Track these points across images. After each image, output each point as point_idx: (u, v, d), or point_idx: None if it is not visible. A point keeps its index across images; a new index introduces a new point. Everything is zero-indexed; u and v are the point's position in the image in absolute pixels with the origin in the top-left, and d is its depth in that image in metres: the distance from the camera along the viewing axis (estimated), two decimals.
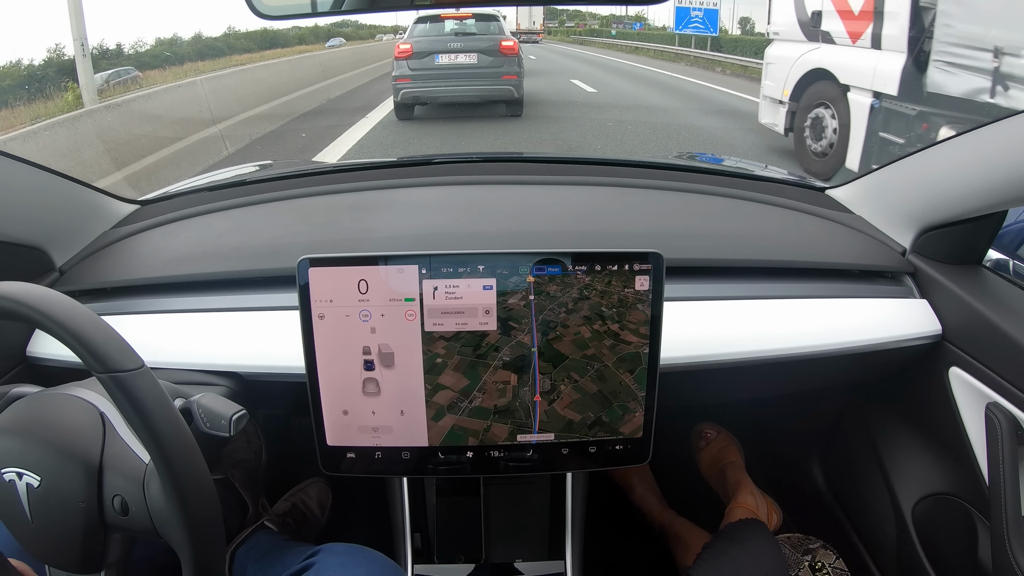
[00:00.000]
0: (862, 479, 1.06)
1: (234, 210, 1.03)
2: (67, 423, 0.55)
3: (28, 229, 0.82)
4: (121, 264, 0.90)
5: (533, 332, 0.66)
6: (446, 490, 0.86)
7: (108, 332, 0.49)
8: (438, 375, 0.67)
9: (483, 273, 0.64)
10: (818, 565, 1.01)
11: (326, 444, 0.69)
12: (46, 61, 9.24)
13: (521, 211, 1.01)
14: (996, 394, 0.76)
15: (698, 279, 0.86)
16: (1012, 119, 0.69)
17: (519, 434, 0.69)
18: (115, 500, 0.53)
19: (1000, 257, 1.05)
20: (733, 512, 1.09)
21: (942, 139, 0.81)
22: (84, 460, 0.53)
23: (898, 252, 0.91)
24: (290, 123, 7.20)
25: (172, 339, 0.78)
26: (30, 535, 0.54)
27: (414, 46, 6.62)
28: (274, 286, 0.82)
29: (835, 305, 0.84)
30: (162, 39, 12.72)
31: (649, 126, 6.74)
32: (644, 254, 0.65)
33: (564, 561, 0.84)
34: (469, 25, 6.88)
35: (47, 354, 0.79)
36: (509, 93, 6.74)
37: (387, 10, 0.76)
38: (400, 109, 6.92)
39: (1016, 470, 0.74)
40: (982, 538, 0.82)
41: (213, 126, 6.10)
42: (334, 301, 0.64)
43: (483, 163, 1.18)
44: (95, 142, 4.59)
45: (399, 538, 0.86)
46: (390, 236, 0.91)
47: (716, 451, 1.26)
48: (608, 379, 0.68)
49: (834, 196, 1.06)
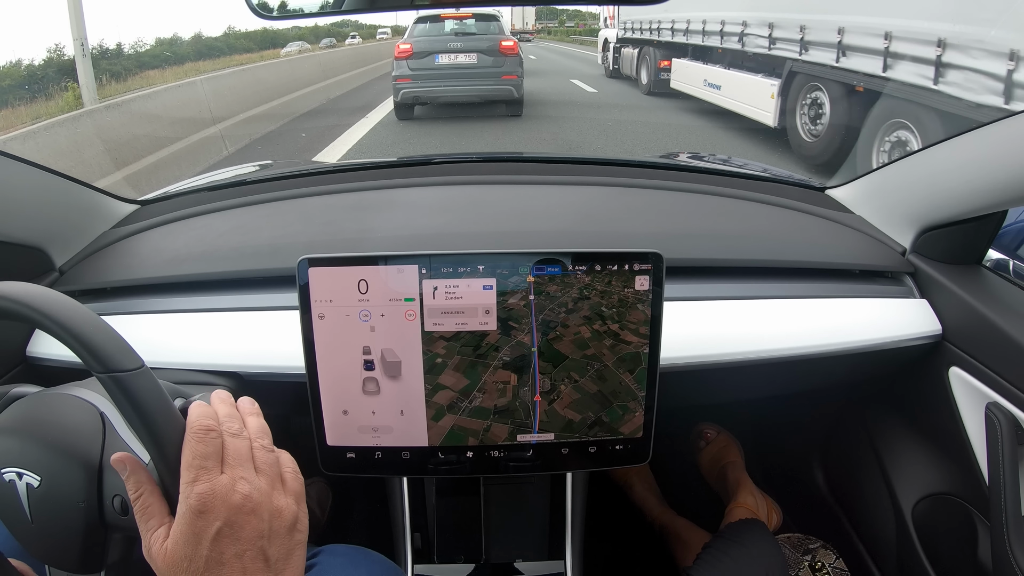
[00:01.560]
0: (862, 479, 1.06)
1: (234, 210, 1.03)
2: (67, 423, 0.55)
3: (28, 229, 0.82)
4: (121, 264, 0.90)
5: (533, 332, 0.66)
6: (446, 490, 0.86)
7: (108, 332, 0.49)
8: (438, 375, 0.67)
9: (483, 273, 0.64)
10: (818, 565, 1.01)
11: (326, 444, 0.69)
12: (46, 61, 9.23)
13: (521, 211, 1.01)
14: (996, 394, 0.76)
15: (698, 279, 0.86)
16: (1012, 119, 0.69)
17: (519, 434, 0.69)
18: (115, 500, 0.53)
19: (1000, 257, 1.05)
20: (733, 512, 1.09)
21: (942, 139, 0.81)
22: (84, 460, 0.53)
23: (898, 252, 0.91)
24: (290, 123, 7.20)
25: (172, 339, 0.78)
26: (30, 535, 0.54)
27: (414, 46, 6.62)
28: (274, 286, 0.82)
29: (835, 305, 0.84)
30: (162, 39, 12.72)
31: (649, 126, 6.74)
32: (644, 254, 0.65)
33: (564, 561, 0.84)
34: (469, 25, 6.88)
35: (47, 354, 0.79)
36: (509, 93, 6.74)
37: (387, 10, 0.76)
38: (400, 109, 6.92)
39: (1016, 470, 0.74)
40: (982, 538, 0.82)
41: (213, 126, 6.10)
42: (334, 301, 0.64)
43: (483, 163, 1.18)
44: (95, 142, 4.59)
45: (399, 538, 0.86)
46: (390, 236, 0.91)
47: (716, 451, 1.26)
48: (608, 379, 0.68)
49: (834, 196, 1.06)
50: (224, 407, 0.50)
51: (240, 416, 0.51)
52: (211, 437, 0.46)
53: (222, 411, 0.50)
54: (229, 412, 0.50)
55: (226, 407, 0.51)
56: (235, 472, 0.45)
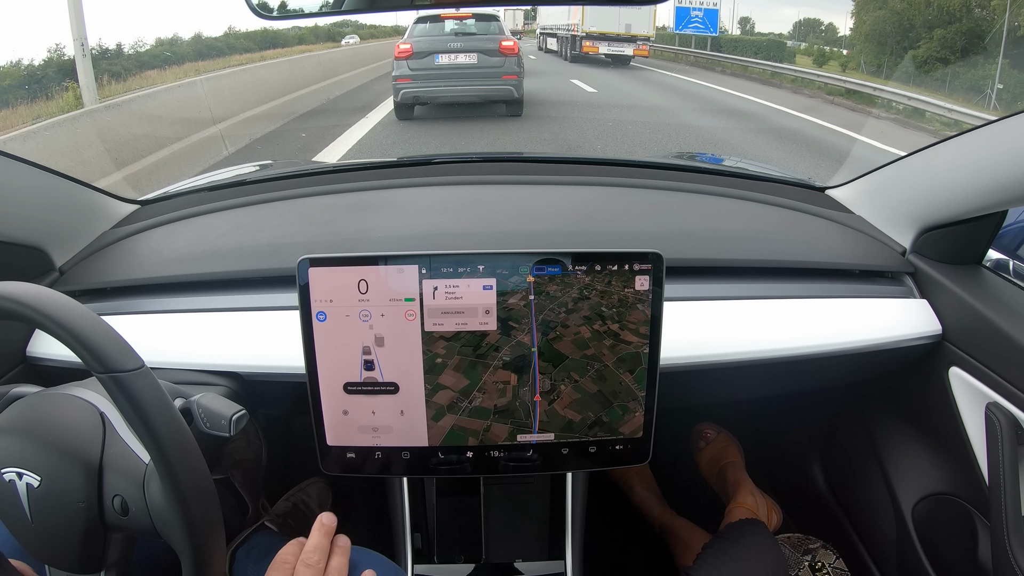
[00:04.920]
0: (862, 479, 1.06)
1: (234, 210, 1.03)
2: (67, 423, 0.55)
3: (28, 229, 0.82)
4: (121, 264, 0.90)
5: (533, 332, 0.66)
6: (446, 490, 0.86)
7: (108, 332, 0.49)
8: (438, 375, 0.67)
9: (483, 273, 0.64)
10: (818, 565, 1.01)
11: (326, 444, 0.69)
12: (46, 61, 9.22)
13: (521, 211, 1.01)
14: (996, 394, 0.76)
15: (698, 279, 0.86)
16: (1012, 119, 0.69)
17: (519, 434, 0.69)
18: (115, 500, 0.53)
19: (1000, 257, 1.04)
20: (733, 512, 1.09)
21: (942, 139, 0.81)
22: (84, 460, 0.53)
23: (898, 252, 0.91)
24: (290, 123, 7.19)
25: (172, 339, 0.78)
26: (30, 535, 0.54)
27: (414, 46, 6.61)
28: (274, 286, 0.82)
29: (835, 305, 0.84)
30: (162, 39, 12.69)
31: (649, 126, 6.74)
32: (644, 254, 0.65)
33: (564, 561, 0.84)
34: (469, 25, 6.87)
35: (47, 354, 0.79)
36: (509, 93, 6.73)
37: (387, 10, 0.76)
38: (400, 109, 6.91)
39: (1016, 470, 0.74)
40: (982, 538, 0.82)
41: (213, 126, 6.09)
42: (334, 301, 0.64)
43: (483, 163, 1.18)
44: (95, 142, 4.58)
45: (399, 538, 0.86)
46: (390, 236, 0.91)
47: (716, 451, 1.26)
48: (608, 379, 0.68)
49: (834, 196, 1.06)
50: (316, 537, 0.62)
51: (326, 551, 0.61)
52: (285, 567, 0.59)
53: (312, 541, 0.61)
54: (316, 545, 0.61)
55: (318, 538, 0.62)
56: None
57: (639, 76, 12.76)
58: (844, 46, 17.32)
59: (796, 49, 18.29)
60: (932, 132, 7.42)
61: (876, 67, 13.89)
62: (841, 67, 14.71)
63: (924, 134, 7.43)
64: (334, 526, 0.64)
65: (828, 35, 19.76)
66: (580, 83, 10.41)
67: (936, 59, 11.86)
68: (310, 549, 0.61)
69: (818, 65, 15.03)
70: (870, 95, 9.68)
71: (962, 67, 11.27)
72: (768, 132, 5.63)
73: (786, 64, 13.56)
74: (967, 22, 12.07)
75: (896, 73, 12.76)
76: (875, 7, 14.75)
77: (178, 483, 0.49)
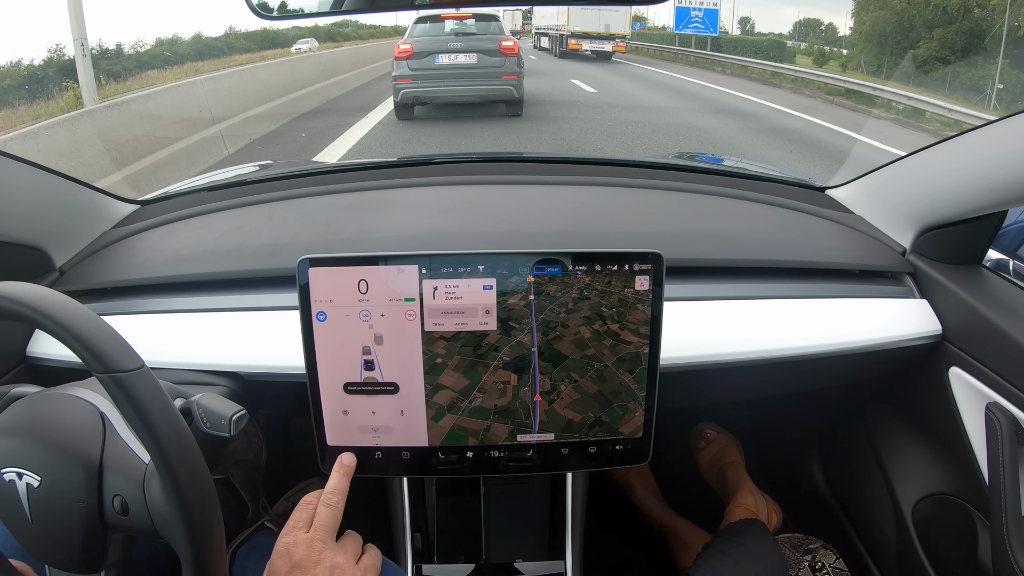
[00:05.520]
0: (862, 479, 1.06)
1: (234, 210, 1.03)
2: (67, 423, 0.55)
3: (28, 229, 0.82)
4: (121, 264, 0.90)
5: (533, 332, 0.66)
6: (446, 490, 0.86)
7: (108, 332, 0.49)
8: (438, 375, 0.67)
9: (483, 273, 0.64)
10: (818, 565, 1.01)
11: (326, 444, 0.69)
12: (46, 61, 9.22)
13: (521, 211, 1.01)
14: (996, 394, 0.76)
15: (698, 279, 0.86)
16: (1012, 119, 0.69)
17: (519, 434, 0.69)
18: (115, 500, 0.53)
19: (1000, 257, 1.04)
20: (733, 512, 1.09)
21: (942, 139, 0.81)
22: (84, 460, 0.53)
23: (898, 252, 0.91)
24: (290, 123, 7.19)
25: (172, 339, 0.78)
26: (30, 535, 0.54)
27: (414, 46, 6.61)
28: (274, 286, 0.82)
29: (835, 305, 0.84)
30: (162, 39, 12.70)
31: (649, 126, 6.74)
32: (644, 254, 0.65)
33: (564, 561, 0.84)
34: (469, 25, 6.87)
35: (47, 354, 0.79)
36: (509, 93, 6.73)
37: (387, 10, 0.76)
38: (400, 109, 6.91)
39: (1016, 470, 0.74)
40: (982, 538, 0.82)
41: (213, 126, 6.09)
42: (334, 301, 0.64)
43: (483, 163, 1.18)
44: (95, 142, 4.58)
45: (399, 538, 0.86)
46: (390, 236, 0.91)
47: (716, 451, 1.26)
48: (608, 379, 0.68)
49: (834, 196, 1.06)
50: (336, 479, 0.64)
51: (345, 492, 0.64)
52: (308, 508, 0.62)
53: (332, 483, 0.64)
54: (336, 486, 0.63)
55: (337, 479, 0.64)
56: (315, 534, 0.59)
57: (639, 76, 12.77)
58: (844, 46, 17.35)
59: (796, 49, 18.34)
60: (932, 132, 7.43)
61: (876, 67, 13.91)
62: (841, 67, 14.72)
63: (924, 134, 7.44)
64: (353, 466, 0.66)
65: (828, 35, 19.80)
66: (580, 83, 10.41)
67: (936, 59, 11.87)
68: (330, 490, 0.62)
69: (818, 65, 15.05)
70: (870, 95, 9.68)
71: (962, 67, 11.29)
72: (768, 132, 5.63)
73: (786, 64, 13.58)
74: (967, 22, 12.09)
75: (896, 73, 12.78)
76: (875, 7, 14.77)
77: (178, 483, 0.49)
